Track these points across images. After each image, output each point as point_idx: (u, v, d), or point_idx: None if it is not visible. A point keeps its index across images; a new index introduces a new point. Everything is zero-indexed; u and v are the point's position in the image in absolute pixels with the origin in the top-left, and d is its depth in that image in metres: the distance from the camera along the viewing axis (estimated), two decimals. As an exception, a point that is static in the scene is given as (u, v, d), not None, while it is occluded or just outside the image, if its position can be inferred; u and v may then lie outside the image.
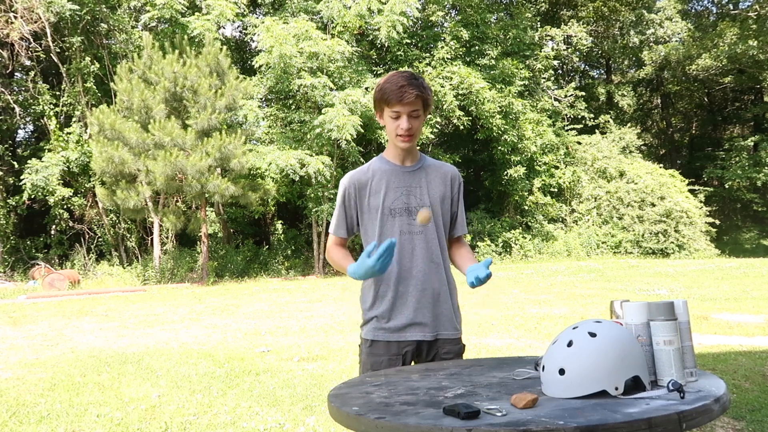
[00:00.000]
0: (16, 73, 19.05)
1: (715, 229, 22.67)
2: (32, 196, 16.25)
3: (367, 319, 2.08)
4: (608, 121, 26.80)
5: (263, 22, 16.80)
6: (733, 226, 28.22)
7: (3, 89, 17.32)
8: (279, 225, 21.42)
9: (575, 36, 26.15)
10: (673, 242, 21.47)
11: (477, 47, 21.00)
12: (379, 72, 19.41)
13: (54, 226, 17.59)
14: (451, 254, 2.17)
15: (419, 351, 2.03)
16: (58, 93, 17.66)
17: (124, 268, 16.38)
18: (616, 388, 1.35)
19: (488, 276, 1.85)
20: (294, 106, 17.90)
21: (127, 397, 4.34)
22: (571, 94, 24.49)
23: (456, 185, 2.14)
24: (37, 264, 16.29)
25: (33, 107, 17.51)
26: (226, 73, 15.27)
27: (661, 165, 25.53)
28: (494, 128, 19.79)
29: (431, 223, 2.05)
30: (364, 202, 2.07)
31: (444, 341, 2.05)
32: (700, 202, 23.09)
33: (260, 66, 16.53)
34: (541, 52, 23.92)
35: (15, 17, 16.34)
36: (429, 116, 2.01)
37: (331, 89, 16.67)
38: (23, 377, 5.08)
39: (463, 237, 2.23)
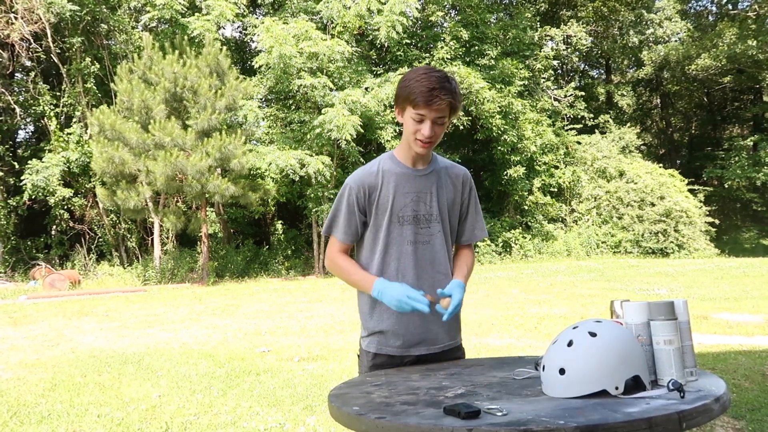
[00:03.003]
0: (16, 74, 19.05)
1: (714, 229, 22.65)
2: (33, 197, 16.24)
3: (372, 332, 1.96)
4: (608, 121, 26.80)
5: (263, 23, 16.78)
6: (733, 226, 28.22)
7: (3, 90, 17.32)
8: (279, 225, 21.42)
9: (575, 36, 26.14)
10: (672, 242, 21.47)
11: (477, 47, 21.00)
12: (378, 72, 19.40)
13: (54, 227, 17.58)
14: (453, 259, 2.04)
15: (421, 358, 1.97)
16: (58, 93, 17.65)
17: (125, 268, 16.38)
18: (617, 388, 1.35)
19: (458, 306, 1.81)
20: (294, 107, 17.90)
21: (128, 397, 4.34)
22: (571, 94, 24.49)
23: (467, 189, 2.02)
24: (38, 264, 16.28)
25: (33, 108, 17.51)
26: (226, 74, 15.27)
27: (661, 165, 25.52)
28: (494, 128, 19.79)
29: (439, 231, 1.94)
30: (372, 207, 1.92)
31: (449, 351, 2.00)
32: (700, 201, 23.07)
33: (260, 66, 16.52)
34: (540, 52, 23.92)
35: (15, 18, 16.34)
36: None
37: (331, 89, 16.66)
38: (24, 377, 5.08)
39: (473, 245, 2.08)
